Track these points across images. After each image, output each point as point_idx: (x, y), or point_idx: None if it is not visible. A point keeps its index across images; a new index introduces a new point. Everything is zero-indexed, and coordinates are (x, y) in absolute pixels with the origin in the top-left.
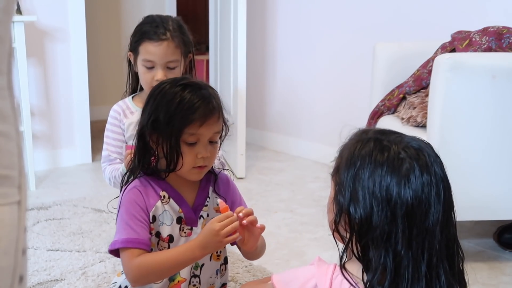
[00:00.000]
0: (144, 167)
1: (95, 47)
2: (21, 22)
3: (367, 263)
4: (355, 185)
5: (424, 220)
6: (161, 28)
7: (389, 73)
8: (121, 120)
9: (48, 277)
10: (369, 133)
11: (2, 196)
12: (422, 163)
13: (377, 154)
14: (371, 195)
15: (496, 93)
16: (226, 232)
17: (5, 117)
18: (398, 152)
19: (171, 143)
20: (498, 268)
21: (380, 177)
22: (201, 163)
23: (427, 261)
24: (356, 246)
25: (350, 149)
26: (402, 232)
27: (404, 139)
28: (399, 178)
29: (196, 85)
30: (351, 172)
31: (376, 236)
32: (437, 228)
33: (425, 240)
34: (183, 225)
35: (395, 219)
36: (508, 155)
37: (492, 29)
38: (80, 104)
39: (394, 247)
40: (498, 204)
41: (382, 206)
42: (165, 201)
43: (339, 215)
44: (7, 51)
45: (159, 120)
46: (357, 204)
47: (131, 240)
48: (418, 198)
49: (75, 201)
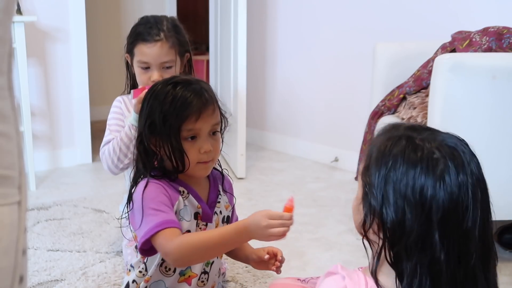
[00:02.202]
0: (149, 171)
1: (95, 47)
2: (21, 23)
3: (401, 271)
4: (386, 186)
5: (461, 223)
6: (154, 29)
7: (389, 73)
8: (122, 111)
9: (48, 277)
10: (400, 129)
11: (2, 197)
12: (457, 163)
13: (410, 154)
14: (404, 198)
15: (496, 93)
16: (272, 233)
17: (5, 117)
18: (432, 152)
19: (171, 143)
20: (498, 268)
21: (413, 179)
22: (205, 158)
23: (465, 267)
24: (389, 252)
25: (380, 148)
26: (439, 237)
27: (437, 137)
28: (434, 179)
29: (186, 81)
30: (382, 173)
31: (410, 242)
32: (475, 232)
33: (462, 245)
34: (199, 221)
35: (430, 224)
36: (508, 155)
37: (492, 29)
38: (80, 104)
39: (431, 254)
40: (498, 204)
41: (416, 210)
42: (185, 196)
43: (370, 219)
44: (7, 51)
45: (155, 122)
46: (389, 208)
47: (165, 221)
48: (454, 200)
49: (75, 201)
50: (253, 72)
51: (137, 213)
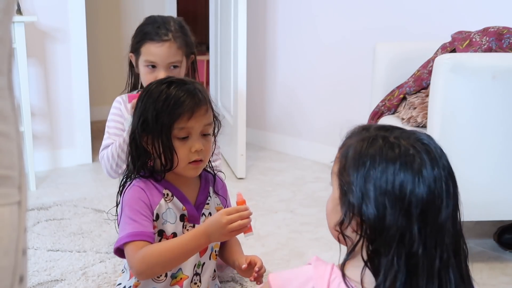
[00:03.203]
0: (139, 170)
1: (95, 47)
2: (21, 23)
3: (376, 266)
4: (366, 185)
5: (438, 216)
6: (163, 29)
7: (389, 73)
8: (122, 113)
9: (48, 278)
10: (371, 130)
11: (2, 197)
12: (432, 157)
13: (388, 152)
14: (384, 194)
15: (496, 93)
16: (232, 228)
17: (5, 118)
18: (408, 148)
19: (162, 140)
20: (499, 268)
21: (393, 175)
22: (195, 157)
23: (439, 259)
24: (366, 248)
25: (356, 148)
26: (418, 231)
27: (409, 134)
28: (412, 174)
29: (181, 81)
30: (361, 172)
31: (389, 237)
32: (448, 223)
33: (437, 237)
34: (185, 222)
35: (410, 218)
36: (508, 155)
37: (492, 30)
38: (80, 104)
39: (409, 247)
40: (498, 204)
41: (396, 205)
42: (168, 199)
43: (349, 217)
44: (8, 51)
45: (148, 120)
46: (369, 204)
47: (137, 233)
48: (431, 194)
49: (76, 202)
50: (253, 72)
51: (119, 216)
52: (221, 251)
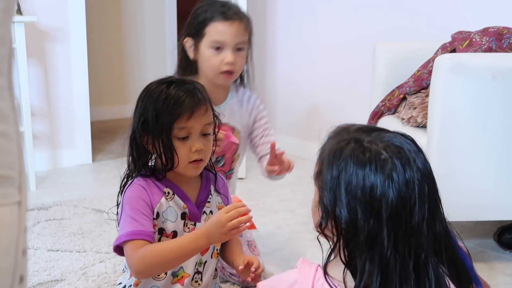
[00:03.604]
0: (140, 169)
1: (95, 47)
2: (21, 23)
3: (354, 267)
4: (339, 189)
5: (410, 219)
6: (232, 8)
7: (389, 73)
8: None
9: (48, 278)
10: (349, 131)
11: (2, 197)
12: (404, 161)
13: (359, 155)
14: (355, 198)
15: (496, 93)
16: (232, 226)
17: (5, 118)
18: (380, 152)
19: (163, 140)
20: (499, 268)
21: (363, 180)
22: (195, 156)
23: (415, 260)
24: (343, 250)
25: (331, 150)
26: (387, 234)
27: (384, 137)
28: (382, 178)
29: (181, 81)
30: (334, 175)
31: (361, 240)
32: (423, 226)
33: (411, 239)
34: (187, 220)
35: (380, 222)
36: (508, 155)
37: (492, 30)
38: (80, 104)
39: (380, 250)
40: (498, 205)
41: (367, 209)
42: (169, 197)
43: (325, 219)
44: (8, 51)
45: (148, 120)
46: (342, 208)
47: (136, 232)
48: (402, 197)
49: (76, 202)
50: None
51: (120, 214)
52: (222, 250)
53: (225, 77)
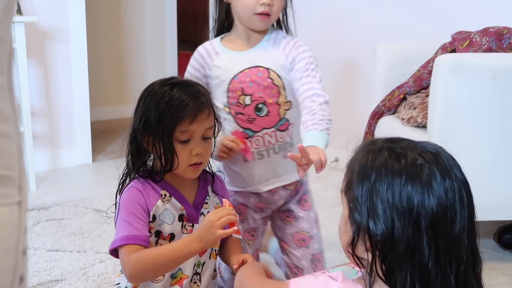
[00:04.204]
0: (139, 169)
1: (95, 47)
2: (21, 23)
3: (394, 283)
4: (372, 199)
5: (451, 228)
6: None
7: (389, 73)
8: (204, 64)
9: (48, 278)
10: (378, 142)
11: (3, 197)
12: (442, 168)
13: (394, 163)
14: (392, 207)
15: (496, 93)
16: (221, 224)
17: (5, 118)
18: (416, 159)
19: (164, 142)
20: (499, 268)
21: (399, 187)
22: (196, 160)
23: (455, 272)
24: (380, 266)
25: (361, 162)
26: (428, 244)
27: (417, 144)
28: (421, 186)
29: (184, 83)
30: (366, 186)
31: (400, 252)
32: (464, 236)
33: (452, 250)
34: (184, 222)
35: (419, 231)
36: (508, 156)
37: (492, 30)
38: (80, 104)
39: (420, 261)
40: (498, 205)
41: (405, 218)
42: (166, 199)
43: (357, 234)
44: (8, 51)
45: (150, 120)
46: (377, 219)
47: (131, 236)
48: (442, 205)
49: (76, 202)
50: None
51: (116, 217)
52: (220, 250)
53: (260, 19)
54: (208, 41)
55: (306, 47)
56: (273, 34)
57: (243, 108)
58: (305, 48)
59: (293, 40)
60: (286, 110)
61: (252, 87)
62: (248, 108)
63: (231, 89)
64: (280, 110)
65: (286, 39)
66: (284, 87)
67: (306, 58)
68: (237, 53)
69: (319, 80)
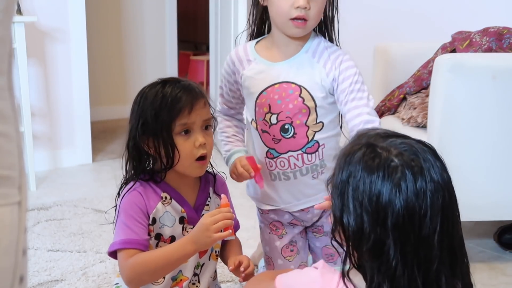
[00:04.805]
0: (139, 173)
1: (95, 47)
2: (21, 23)
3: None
4: (346, 194)
5: (419, 230)
6: None
7: (389, 73)
8: (235, 70)
9: (48, 278)
10: (367, 137)
11: (3, 197)
12: (416, 170)
13: (368, 161)
14: (361, 205)
15: (496, 93)
16: (217, 228)
17: (5, 118)
18: (391, 159)
19: (163, 138)
20: (499, 268)
21: (370, 185)
22: (200, 151)
23: (424, 273)
24: (354, 256)
25: (343, 155)
26: (393, 244)
27: (400, 144)
28: (390, 186)
29: (174, 79)
30: (343, 179)
31: (368, 249)
32: (434, 238)
33: (420, 252)
34: (185, 224)
35: (386, 231)
36: (508, 156)
37: (492, 30)
38: (80, 104)
39: (386, 260)
40: (498, 205)
41: (373, 217)
42: (166, 202)
43: (334, 225)
44: (8, 51)
45: (147, 121)
46: (349, 215)
47: (129, 240)
48: (410, 207)
49: (76, 202)
50: None
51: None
52: (221, 251)
53: (296, 25)
54: (242, 44)
55: (350, 63)
56: (314, 43)
57: (269, 127)
58: (348, 65)
59: (335, 53)
60: (315, 132)
61: (280, 105)
62: (274, 128)
63: (258, 104)
64: (309, 132)
65: (327, 51)
66: (316, 108)
67: (350, 77)
68: (271, 64)
69: (366, 101)
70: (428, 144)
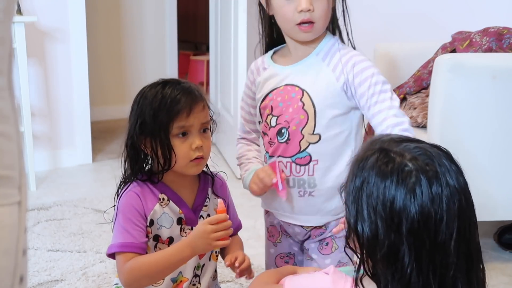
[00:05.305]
0: (137, 174)
1: (95, 47)
2: (21, 23)
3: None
4: (360, 201)
5: (435, 236)
6: None
7: (389, 73)
8: (252, 80)
9: (48, 278)
10: (381, 142)
11: (3, 197)
12: (431, 175)
13: (381, 166)
14: (375, 211)
15: (496, 93)
16: (217, 237)
17: (5, 118)
18: (405, 164)
19: (161, 138)
20: (499, 268)
21: (383, 191)
22: (196, 154)
23: (439, 280)
24: (368, 263)
25: (356, 160)
26: (408, 251)
27: (414, 149)
28: (404, 192)
29: (175, 80)
30: (356, 186)
31: (382, 255)
32: (451, 244)
33: (436, 259)
34: (183, 225)
35: (400, 236)
36: (508, 156)
37: (492, 30)
38: (80, 104)
39: (401, 267)
40: (498, 205)
41: (387, 222)
42: (164, 203)
43: (348, 232)
44: (8, 51)
45: (145, 121)
46: (363, 222)
47: (128, 244)
48: (425, 213)
49: (76, 202)
50: None
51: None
52: (221, 250)
53: (302, 30)
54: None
55: (365, 64)
56: (328, 45)
57: (268, 130)
58: (363, 66)
59: (347, 55)
60: (310, 143)
61: (281, 108)
62: (272, 131)
63: (262, 106)
64: (302, 142)
65: (339, 53)
66: (315, 116)
67: (367, 79)
68: (281, 68)
69: (390, 103)
70: (443, 148)
